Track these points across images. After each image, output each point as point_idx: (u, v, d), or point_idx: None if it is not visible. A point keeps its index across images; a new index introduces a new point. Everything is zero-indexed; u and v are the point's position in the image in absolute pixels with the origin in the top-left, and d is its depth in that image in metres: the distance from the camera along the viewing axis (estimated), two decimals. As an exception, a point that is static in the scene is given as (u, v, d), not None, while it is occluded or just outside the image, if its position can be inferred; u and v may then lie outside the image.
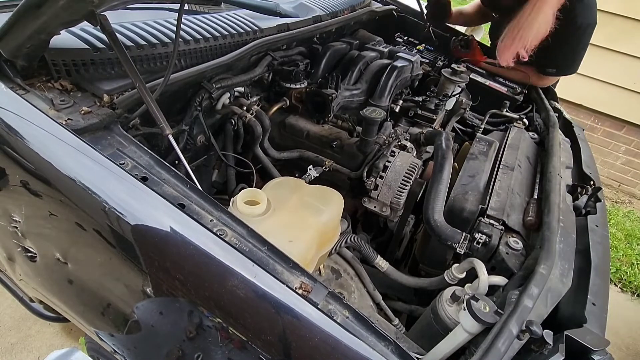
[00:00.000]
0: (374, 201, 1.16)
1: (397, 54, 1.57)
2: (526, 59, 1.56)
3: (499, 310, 0.73)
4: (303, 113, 1.40)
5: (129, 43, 0.94)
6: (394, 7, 2.15)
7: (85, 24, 0.77)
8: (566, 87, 2.17)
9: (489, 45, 2.12)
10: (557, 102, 1.79)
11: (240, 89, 1.27)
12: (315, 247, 0.91)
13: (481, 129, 1.62)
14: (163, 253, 0.68)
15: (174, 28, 1.06)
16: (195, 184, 0.74)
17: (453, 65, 1.53)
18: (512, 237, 0.97)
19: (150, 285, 0.73)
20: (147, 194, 0.69)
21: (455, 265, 0.96)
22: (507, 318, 0.69)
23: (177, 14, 0.97)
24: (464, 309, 0.74)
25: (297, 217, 0.92)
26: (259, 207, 0.86)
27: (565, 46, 1.58)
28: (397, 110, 1.52)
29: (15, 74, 0.78)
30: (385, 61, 1.55)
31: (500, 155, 1.27)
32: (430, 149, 1.39)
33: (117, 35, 0.80)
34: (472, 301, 0.73)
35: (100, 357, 1.16)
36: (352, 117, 1.41)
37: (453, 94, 1.53)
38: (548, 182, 1.09)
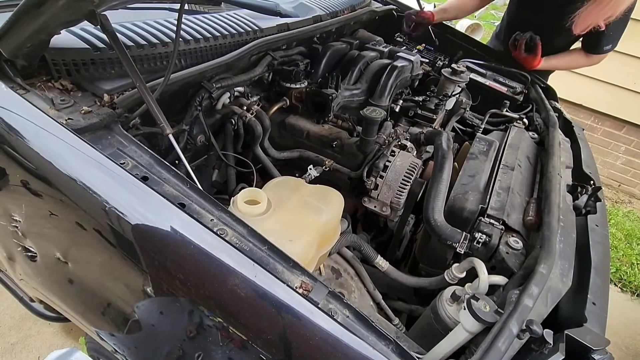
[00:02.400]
0: (374, 201, 1.16)
1: (397, 54, 1.57)
2: (603, 29, 1.55)
3: (499, 309, 0.73)
4: (303, 113, 1.40)
5: (129, 43, 0.94)
6: (394, 7, 2.15)
7: (85, 24, 0.77)
8: (566, 87, 2.17)
9: (486, 43, 2.12)
10: (557, 102, 1.79)
11: (241, 88, 1.27)
12: (316, 246, 0.91)
13: (481, 129, 1.62)
14: (163, 252, 0.68)
15: (174, 28, 1.06)
16: (196, 184, 0.74)
17: (453, 65, 1.53)
18: (512, 236, 0.97)
19: (150, 285, 0.73)
20: (148, 193, 0.69)
21: (456, 264, 0.96)
22: (508, 317, 0.69)
23: (177, 13, 0.97)
24: (464, 309, 0.74)
25: (297, 216, 0.92)
26: (259, 207, 0.86)
27: (620, 21, 1.56)
28: (397, 110, 1.52)
29: (15, 74, 0.78)
30: (385, 61, 1.55)
31: (500, 155, 1.27)
32: (430, 148, 1.39)
33: (118, 35, 0.80)
34: (472, 300, 0.73)
35: (101, 356, 1.16)
36: (352, 116, 1.41)
37: (453, 93, 1.53)
38: (548, 182, 1.09)
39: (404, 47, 1.90)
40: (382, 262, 1.10)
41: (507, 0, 2.13)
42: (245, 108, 1.22)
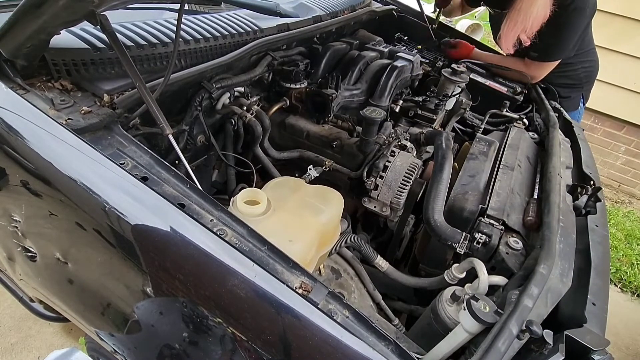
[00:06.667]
0: (374, 201, 1.16)
1: (397, 54, 1.57)
2: (528, 44, 1.58)
3: (499, 310, 0.73)
4: (303, 113, 1.40)
5: (129, 43, 0.94)
6: (394, 7, 2.15)
7: (85, 24, 0.77)
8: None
9: (488, 44, 2.13)
10: (557, 102, 1.79)
11: (241, 88, 1.27)
12: (315, 247, 0.91)
13: (481, 129, 1.62)
14: (163, 253, 0.68)
15: (174, 28, 1.06)
16: (196, 184, 0.74)
17: (453, 65, 1.53)
18: (512, 237, 0.97)
19: (150, 285, 0.73)
20: (148, 193, 0.69)
21: (455, 265, 0.96)
22: (507, 318, 0.69)
23: (177, 13, 0.97)
24: (464, 309, 0.74)
25: (297, 217, 0.92)
26: (259, 207, 0.86)
27: (548, 27, 1.55)
28: (397, 110, 1.52)
29: (15, 74, 0.78)
30: (385, 61, 1.55)
31: (500, 155, 1.27)
32: (430, 149, 1.39)
33: (117, 35, 0.80)
34: (472, 301, 0.73)
35: (101, 357, 1.16)
36: (352, 117, 1.41)
37: (453, 94, 1.53)
38: (548, 182, 1.09)
39: (404, 47, 1.90)
40: (382, 263, 1.10)
41: None
42: (245, 108, 1.22)
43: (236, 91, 1.25)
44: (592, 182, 1.23)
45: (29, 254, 0.96)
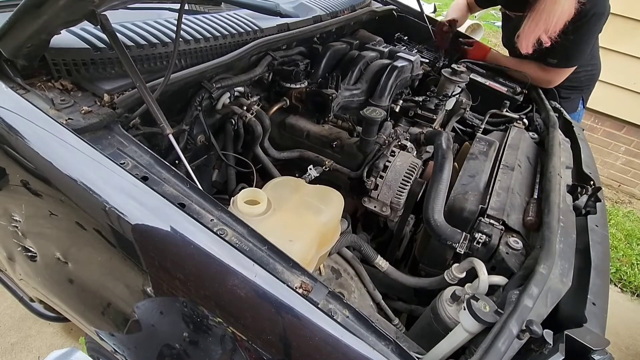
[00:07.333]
0: (374, 201, 1.16)
1: (397, 54, 1.57)
2: (548, 45, 1.55)
3: (499, 309, 0.73)
4: (303, 113, 1.40)
5: (129, 43, 0.94)
6: (394, 7, 2.15)
7: (85, 24, 0.77)
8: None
9: (488, 44, 2.13)
10: (557, 102, 1.79)
11: (241, 88, 1.27)
12: (316, 246, 0.91)
13: (481, 129, 1.62)
14: (163, 252, 0.68)
15: (174, 28, 1.06)
16: (196, 184, 0.74)
17: (453, 65, 1.53)
18: (512, 237, 0.97)
19: (150, 285, 0.73)
20: (148, 193, 0.69)
21: (455, 265, 0.96)
22: (507, 318, 0.69)
23: (177, 13, 0.97)
24: (464, 309, 0.74)
25: (297, 216, 0.92)
26: (259, 207, 0.86)
27: (568, 33, 1.54)
28: (397, 110, 1.52)
29: (15, 74, 0.78)
30: (385, 61, 1.55)
31: (500, 155, 1.27)
32: (430, 148, 1.39)
33: (118, 35, 0.80)
34: (472, 301, 0.73)
35: (101, 356, 1.16)
36: (352, 117, 1.41)
37: (453, 94, 1.53)
38: (548, 182, 1.09)
39: (404, 47, 1.90)
40: (382, 262, 1.10)
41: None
42: (245, 108, 1.22)
43: (236, 91, 1.25)
44: (592, 182, 1.22)
45: (29, 254, 0.96)
